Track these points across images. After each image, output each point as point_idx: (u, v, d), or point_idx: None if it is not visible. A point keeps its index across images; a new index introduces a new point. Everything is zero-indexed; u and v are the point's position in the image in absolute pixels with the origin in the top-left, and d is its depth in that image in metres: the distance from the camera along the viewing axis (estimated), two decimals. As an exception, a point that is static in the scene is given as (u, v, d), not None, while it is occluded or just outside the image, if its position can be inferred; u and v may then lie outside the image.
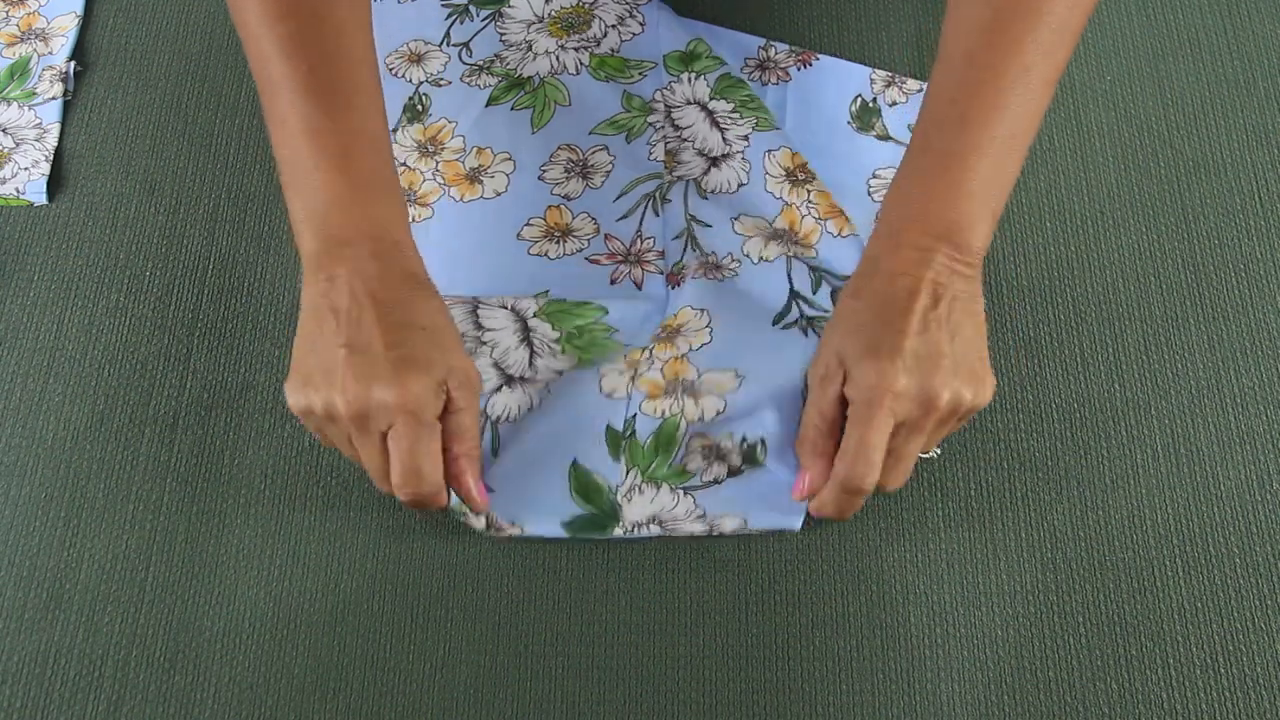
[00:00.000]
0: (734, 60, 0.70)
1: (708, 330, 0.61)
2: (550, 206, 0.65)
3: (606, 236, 0.64)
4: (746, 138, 0.66)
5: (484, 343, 0.60)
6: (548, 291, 0.62)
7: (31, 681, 0.56)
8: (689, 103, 0.67)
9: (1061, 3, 0.52)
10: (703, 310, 0.61)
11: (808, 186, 0.64)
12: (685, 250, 0.63)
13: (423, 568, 0.58)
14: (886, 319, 0.52)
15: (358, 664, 0.56)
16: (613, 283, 0.62)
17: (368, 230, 0.54)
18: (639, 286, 0.63)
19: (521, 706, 0.56)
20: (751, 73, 0.69)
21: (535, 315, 0.61)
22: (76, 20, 0.71)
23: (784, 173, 0.65)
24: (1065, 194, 0.66)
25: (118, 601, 0.57)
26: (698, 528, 0.57)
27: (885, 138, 0.67)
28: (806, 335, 0.61)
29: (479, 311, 0.61)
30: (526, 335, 0.61)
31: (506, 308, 0.61)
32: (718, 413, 0.59)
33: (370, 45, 0.56)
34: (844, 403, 0.54)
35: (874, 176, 0.66)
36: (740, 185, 0.65)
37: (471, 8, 0.71)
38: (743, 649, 0.57)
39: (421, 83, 0.69)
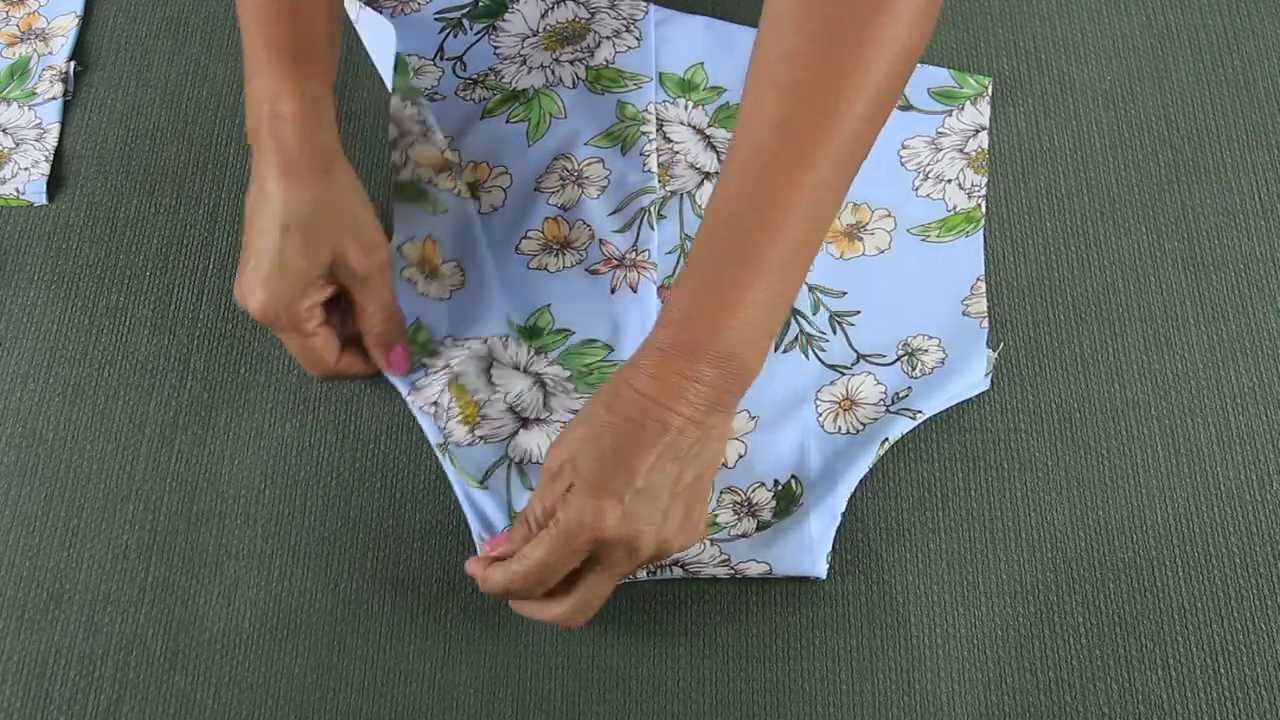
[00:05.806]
0: (740, 74, 0.69)
1: None
2: (547, 219, 0.65)
3: (601, 242, 0.63)
4: None
5: (497, 389, 0.60)
6: (549, 306, 0.62)
7: (31, 681, 0.56)
8: (683, 124, 0.67)
9: (855, 113, 0.49)
10: None
11: None
12: (678, 265, 0.63)
13: (423, 568, 0.58)
14: (624, 450, 0.49)
15: (358, 664, 0.56)
16: (613, 291, 0.62)
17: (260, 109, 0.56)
18: (634, 290, 0.62)
19: (521, 706, 0.56)
20: None
21: (549, 365, 0.61)
22: (76, 20, 0.71)
23: None
24: (1065, 194, 0.66)
25: (118, 601, 0.57)
26: (721, 571, 0.57)
27: (907, 107, 0.68)
28: (807, 357, 0.61)
29: (492, 372, 0.61)
30: (539, 377, 0.61)
31: (519, 368, 0.61)
32: (739, 456, 0.59)
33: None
34: None
35: (903, 147, 0.67)
36: None
37: (465, 22, 0.70)
38: (743, 649, 0.57)
39: None
